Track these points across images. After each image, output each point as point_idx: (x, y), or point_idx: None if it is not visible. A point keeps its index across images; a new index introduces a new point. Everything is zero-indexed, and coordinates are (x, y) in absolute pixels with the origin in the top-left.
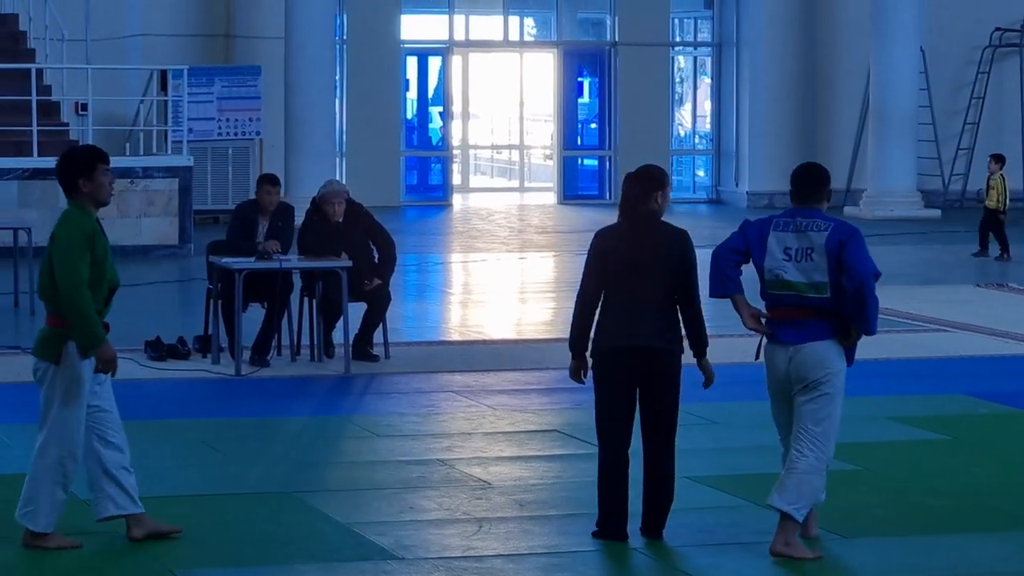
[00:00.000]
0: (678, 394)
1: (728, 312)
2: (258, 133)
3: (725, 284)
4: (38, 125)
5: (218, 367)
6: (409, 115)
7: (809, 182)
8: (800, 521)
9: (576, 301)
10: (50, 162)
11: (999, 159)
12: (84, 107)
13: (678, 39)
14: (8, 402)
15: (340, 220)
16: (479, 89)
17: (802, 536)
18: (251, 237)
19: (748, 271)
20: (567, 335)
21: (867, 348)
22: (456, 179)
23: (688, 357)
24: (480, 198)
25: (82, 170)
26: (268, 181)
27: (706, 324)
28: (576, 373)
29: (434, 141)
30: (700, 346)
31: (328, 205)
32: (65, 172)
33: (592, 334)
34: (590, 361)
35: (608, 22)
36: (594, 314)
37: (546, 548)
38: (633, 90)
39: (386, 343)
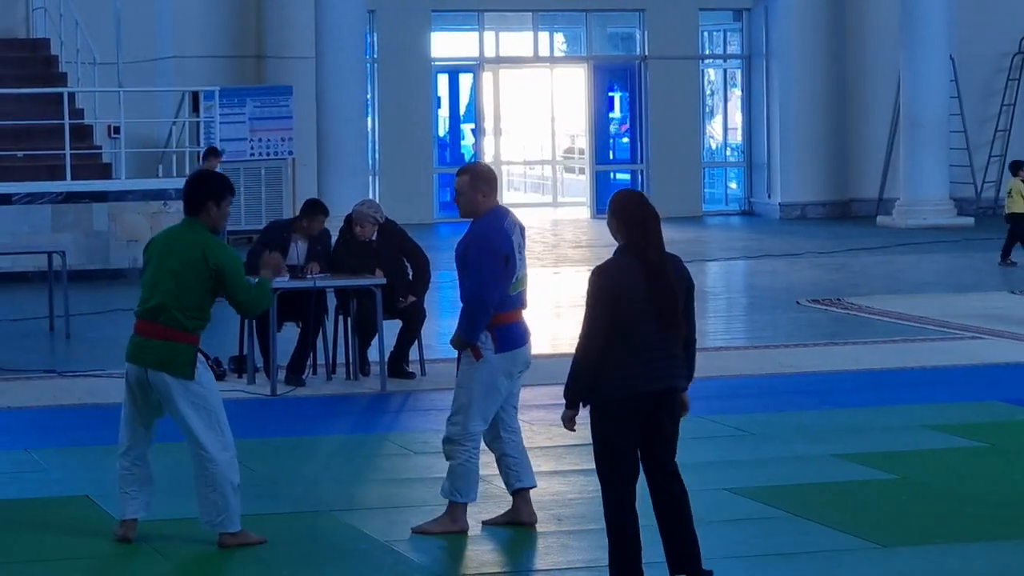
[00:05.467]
0: None
1: (760, 324)
2: (290, 152)
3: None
4: (71, 149)
5: (253, 387)
6: (441, 132)
7: None
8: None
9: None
10: (83, 185)
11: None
12: (116, 130)
13: (708, 52)
14: (44, 425)
15: (370, 239)
16: (510, 105)
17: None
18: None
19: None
20: None
21: (901, 357)
22: None
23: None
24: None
25: (215, 195)
26: (321, 211)
27: (731, 335)
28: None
29: (466, 158)
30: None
31: (355, 225)
32: (197, 191)
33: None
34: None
35: (638, 36)
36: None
37: (585, 563)
38: (664, 103)
39: (421, 360)
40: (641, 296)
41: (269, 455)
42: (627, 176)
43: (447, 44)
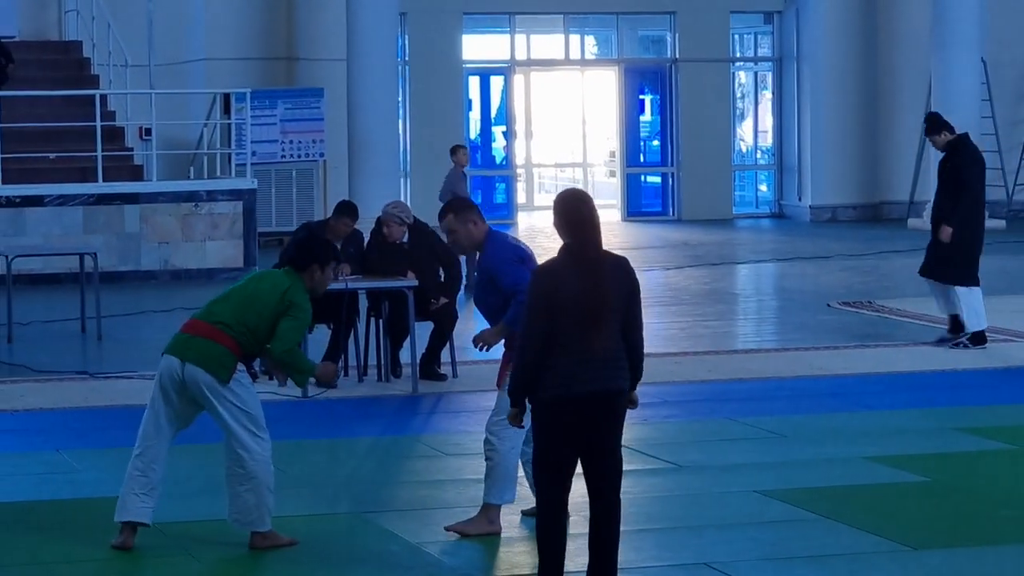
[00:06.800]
0: None
1: (790, 326)
2: (322, 155)
3: None
4: (103, 151)
5: (285, 389)
6: (472, 135)
7: None
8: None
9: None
10: (115, 187)
11: None
12: (148, 132)
13: (738, 54)
14: (76, 427)
15: (401, 241)
16: (541, 108)
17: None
18: None
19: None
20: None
21: (933, 359)
22: (521, 197)
23: None
24: (545, 216)
25: (321, 260)
26: (349, 214)
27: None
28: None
29: (498, 160)
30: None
31: (383, 226)
32: (305, 253)
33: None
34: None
35: (668, 39)
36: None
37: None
38: (694, 106)
39: (453, 362)
40: (576, 297)
41: (301, 457)
42: (658, 179)
43: (478, 46)
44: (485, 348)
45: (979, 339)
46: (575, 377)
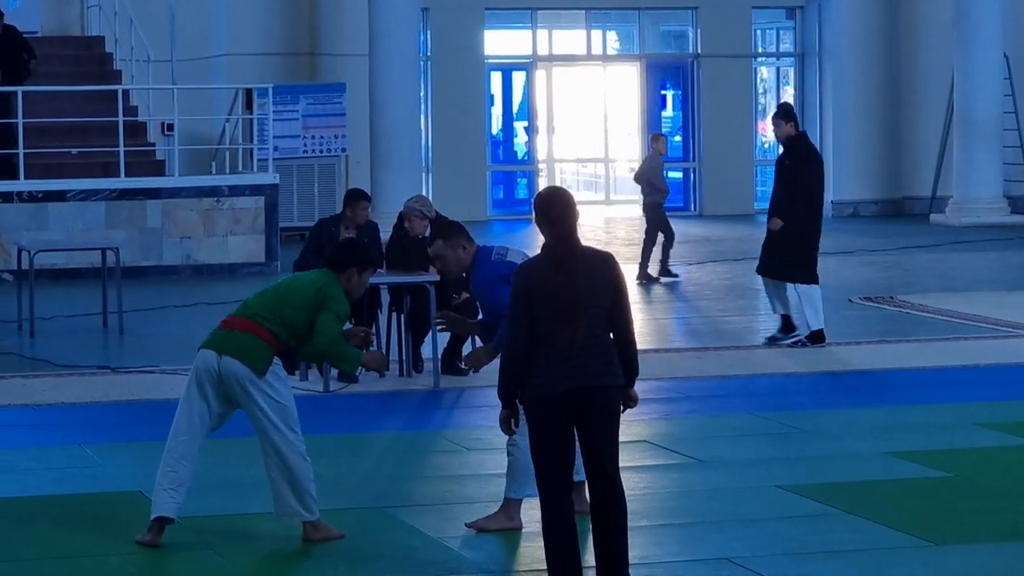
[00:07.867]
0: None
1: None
2: (344, 150)
3: None
4: (125, 146)
5: (306, 384)
6: (494, 130)
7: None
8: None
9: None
10: (137, 182)
11: None
12: (170, 127)
13: (760, 50)
14: (98, 421)
15: (423, 236)
16: (563, 103)
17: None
18: None
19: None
20: (654, 346)
21: (955, 355)
22: None
23: None
24: None
25: (359, 264)
26: (362, 197)
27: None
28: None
29: (520, 155)
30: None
31: (405, 220)
32: (344, 256)
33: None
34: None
35: (690, 34)
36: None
37: (638, 559)
38: (716, 101)
39: None
40: (552, 293)
41: (322, 452)
42: (679, 174)
43: (500, 42)
44: (476, 369)
45: (818, 338)
46: (560, 374)
